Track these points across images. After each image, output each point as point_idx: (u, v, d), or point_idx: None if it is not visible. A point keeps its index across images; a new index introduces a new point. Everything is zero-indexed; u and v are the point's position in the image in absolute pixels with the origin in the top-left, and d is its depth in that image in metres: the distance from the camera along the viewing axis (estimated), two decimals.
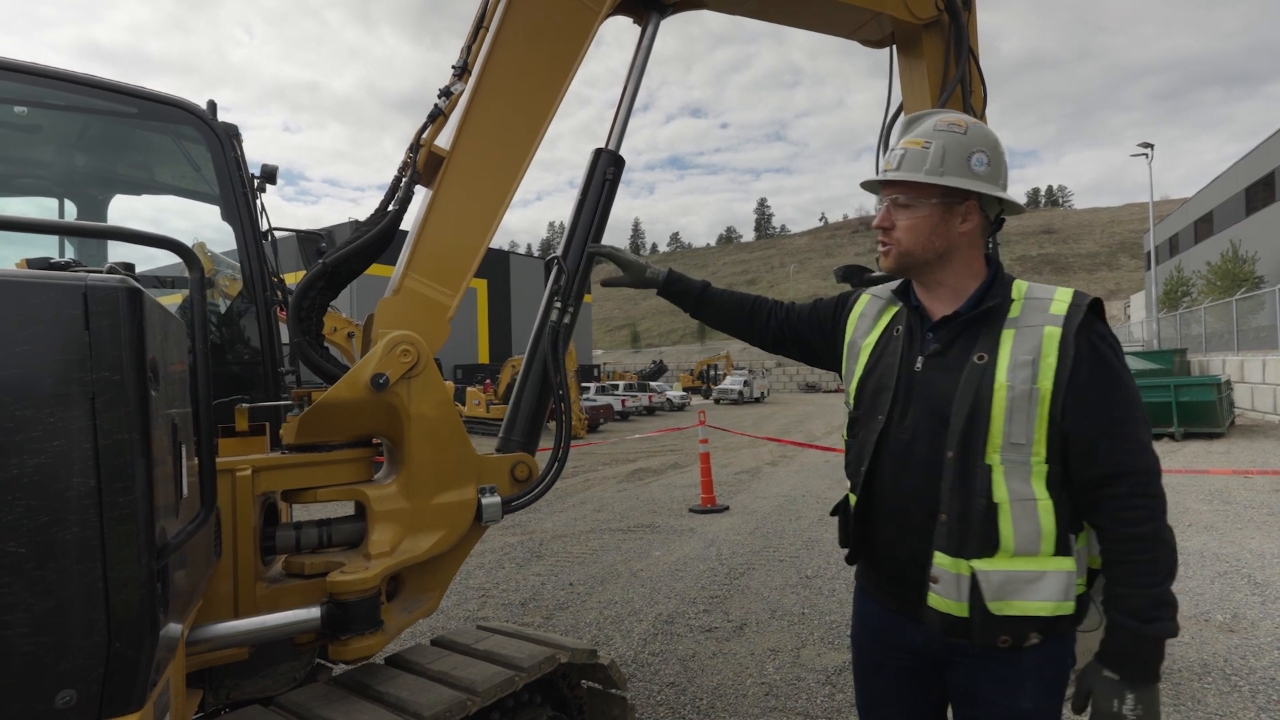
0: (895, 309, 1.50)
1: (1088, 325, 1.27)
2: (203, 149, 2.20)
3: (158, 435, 1.10)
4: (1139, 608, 1.20)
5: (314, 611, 1.61)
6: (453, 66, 2.09)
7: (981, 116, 3.55)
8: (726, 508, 7.57)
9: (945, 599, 1.27)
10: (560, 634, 2.79)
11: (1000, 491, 1.24)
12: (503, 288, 37.11)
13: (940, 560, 1.28)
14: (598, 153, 2.27)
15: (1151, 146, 27.51)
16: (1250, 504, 6.69)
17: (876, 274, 3.44)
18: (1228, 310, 19.42)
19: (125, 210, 2.57)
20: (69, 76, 1.92)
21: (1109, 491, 1.23)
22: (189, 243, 2.80)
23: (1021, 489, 1.24)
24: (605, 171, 2.24)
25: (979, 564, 1.24)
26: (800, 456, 11.98)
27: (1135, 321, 37.71)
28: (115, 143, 2.28)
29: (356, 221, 2.99)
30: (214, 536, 1.58)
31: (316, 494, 1.81)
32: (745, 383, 38.19)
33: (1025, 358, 1.25)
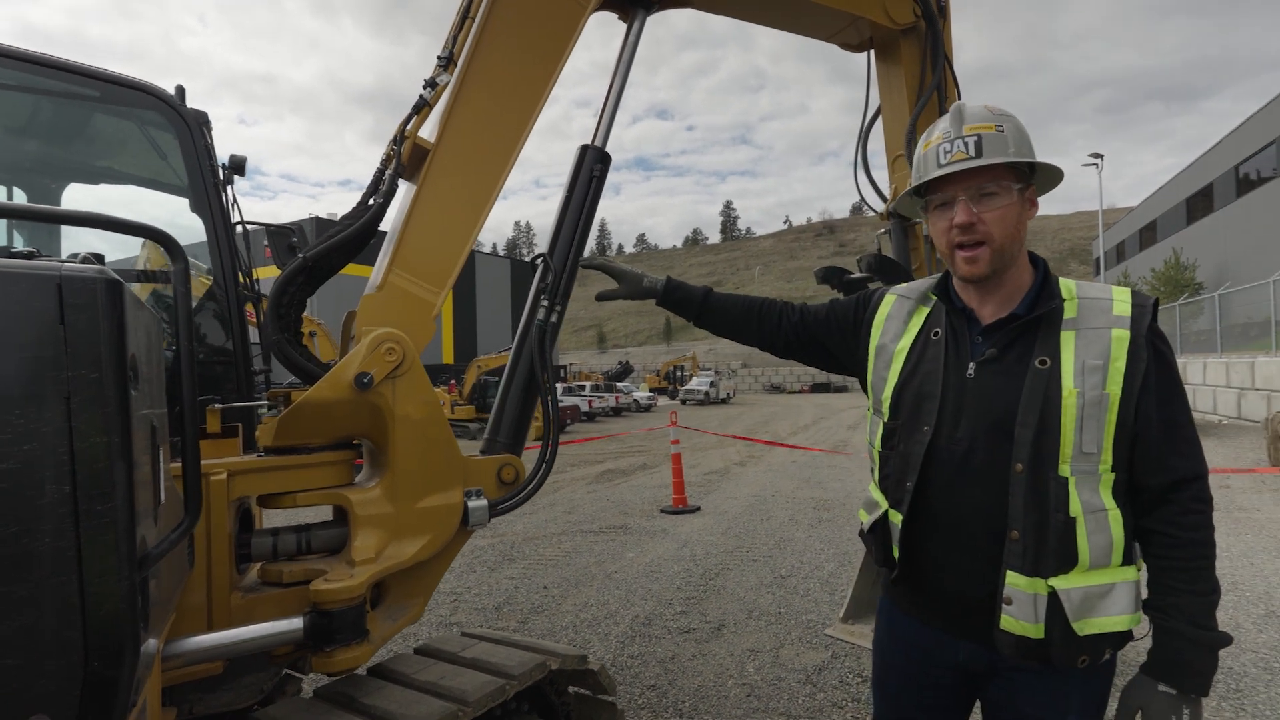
0: (927, 309, 1.41)
1: (1153, 328, 1.23)
2: (169, 137, 2.09)
3: (138, 437, 1.03)
4: (1199, 615, 1.16)
5: (296, 622, 1.53)
6: (438, 56, 2.03)
7: None
8: (698, 508, 7.58)
9: (1020, 621, 1.19)
10: (538, 638, 2.74)
11: (1075, 505, 1.18)
12: (468, 287, 36.62)
13: (1015, 580, 1.19)
14: (584, 149, 2.23)
15: (1101, 157, 28.64)
16: None
17: (857, 275, 3.47)
18: (1171, 315, 20.31)
19: (78, 202, 2.43)
20: (26, 56, 1.81)
21: (1173, 496, 1.20)
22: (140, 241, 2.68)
23: (1093, 500, 1.19)
24: (592, 168, 2.20)
25: (1057, 582, 1.17)
26: (768, 456, 12.09)
27: None
28: (73, 127, 2.15)
29: (318, 218, 2.88)
30: (187, 544, 1.50)
31: (296, 498, 1.73)
32: (711, 384, 38.44)
33: (1095, 362, 1.19)
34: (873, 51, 3.66)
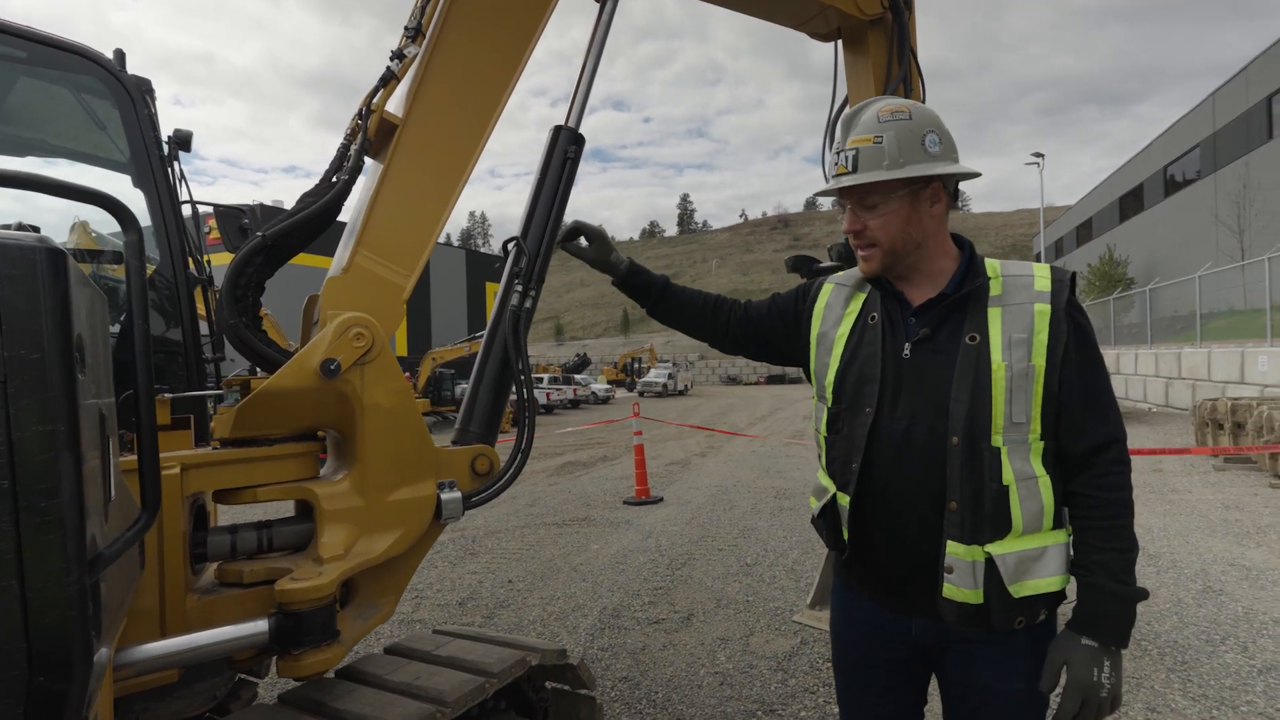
0: (864, 295, 1.46)
1: (1071, 301, 1.30)
2: (108, 106, 1.93)
3: (85, 427, 0.93)
4: (1119, 570, 1.22)
5: (261, 625, 1.43)
6: (405, 27, 1.92)
7: None
8: (661, 499, 7.58)
9: (960, 588, 1.25)
10: (505, 633, 2.67)
11: (1008, 473, 1.24)
12: (422, 278, 35.29)
13: (954, 549, 1.25)
14: (557, 130, 2.16)
15: (1042, 156, 29.79)
16: (1135, 483, 7.32)
17: (826, 264, 3.49)
18: (1106, 308, 21.35)
19: None
20: None
21: (1094, 460, 1.26)
22: (68, 221, 2.48)
23: (1024, 468, 1.25)
24: (566, 150, 2.13)
25: (993, 548, 1.24)
26: (727, 447, 12.20)
27: None
28: None
29: (262, 205, 2.73)
30: (138, 544, 1.38)
31: (256, 493, 1.62)
32: (669, 375, 38.60)
33: (1020, 335, 1.26)
34: (840, 42, 3.68)
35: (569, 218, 2.07)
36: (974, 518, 1.24)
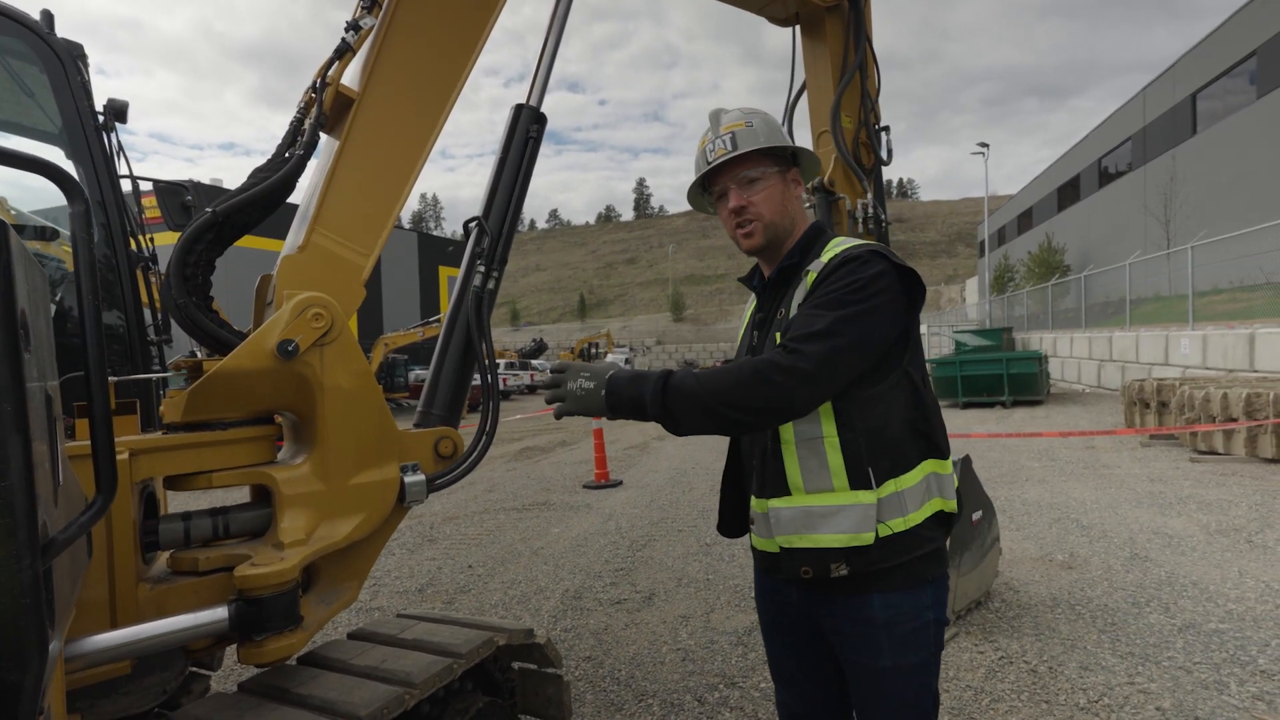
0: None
1: (842, 259, 1.30)
2: (36, 72, 1.81)
3: (32, 409, 0.88)
4: (666, 387, 1.24)
5: (220, 612, 1.39)
6: None
7: (876, 100, 3.75)
8: (620, 482, 7.62)
9: (759, 537, 1.41)
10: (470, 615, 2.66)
11: (787, 433, 1.33)
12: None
13: (754, 504, 1.41)
14: (519, 109, 2.12)
15: (987, 146, 30.74)
16: (1070, 460, 7.75)
17: None
18: (1044, 294, 22.30)
19: None
20: None
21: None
22: None
23: (809, 429, 1.31)
24: (528, 128, 2.10)
25: (776, 503, 1.34)
26: None
27: (970, 303, 42.31)
28: None
29: (196, 183, 2.61)
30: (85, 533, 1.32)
31: (211, 479, 1.57)
32: (626, 360, 38.67)
33: (799, 302, 1.35)
34: (798, 28, 3.71)
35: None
36: (762, 474, 1.38)
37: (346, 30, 1.82)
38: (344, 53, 1.80)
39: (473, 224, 2.01)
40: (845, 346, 1.22)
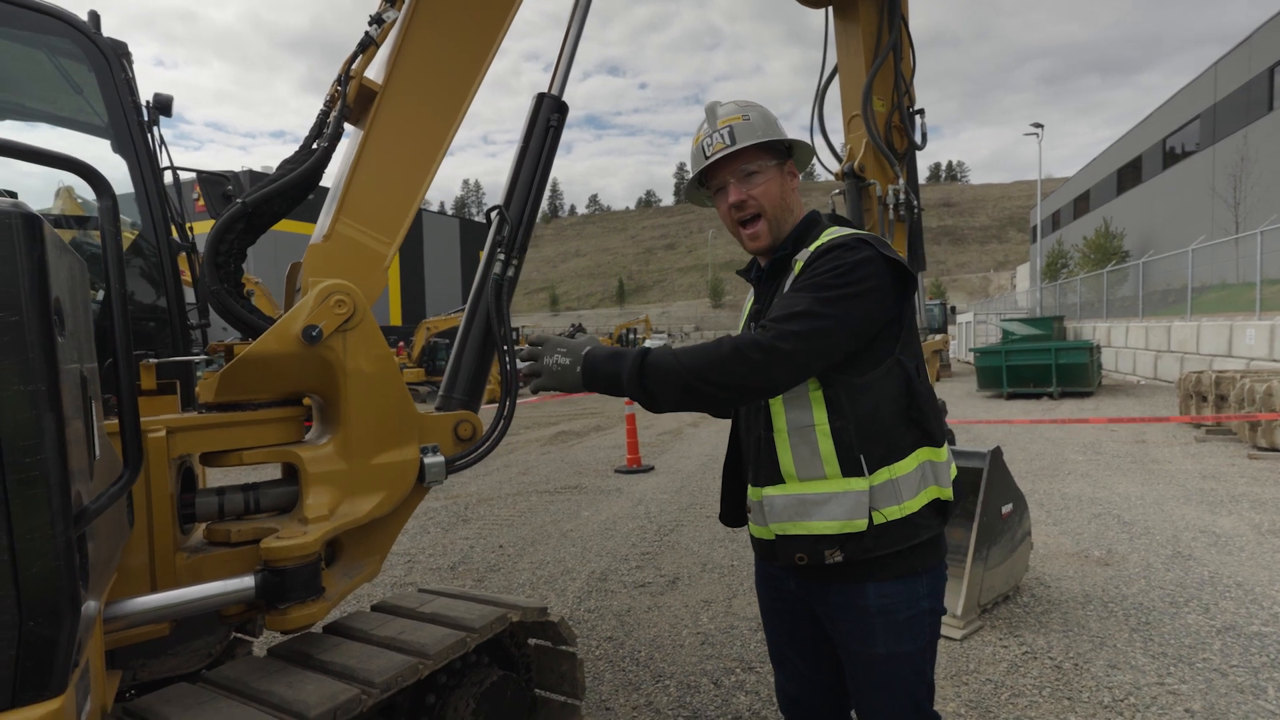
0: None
1: (828, 246, 1.31)
2: (84, 69, 1.91)
3: (66, 388, 0.96)
4: (645, 363, 1.26)
5: (248, 580, 1.49)
6: None
7: (910, 82, 3.65)
8: (652, 468, 7.68)
9: (755, 525, 1.43)
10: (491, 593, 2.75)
11: (779, 421, 1.34)
12: (415, 247, 35.47)
13: (751, 492, 1.42)
14: (540, 98, 2.15)
15: (1042, 126, 29.47)
16: (1118, 454, 7.48)
17: None
18: (1099, 281, 21.36)
19: None
20: None
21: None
22: (53, 187, 2.46)
23: (801, 417, 1.32)
24: (549, 118, 2.13)
25: (769, 490, 1.36)
26: None
27: (1021, 291, 40.85)
28: None
29: (251, 171, 2.71)
30: (126, 503, 1.43)
31: (242, 456, 1.67)
32: (664, 346, 38.61)
33: (786, 291, 1.35)
34: (831, 9, 3.64)
35: (547, 203, 2.08)
36: (756, 462, 1.40)
37: (370, 24, 1.88)
38: (367, 46, 1.85)
39: (494, 212, 2.05)
40: (825, 329, 1.23)
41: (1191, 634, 3.05)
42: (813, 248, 1.35)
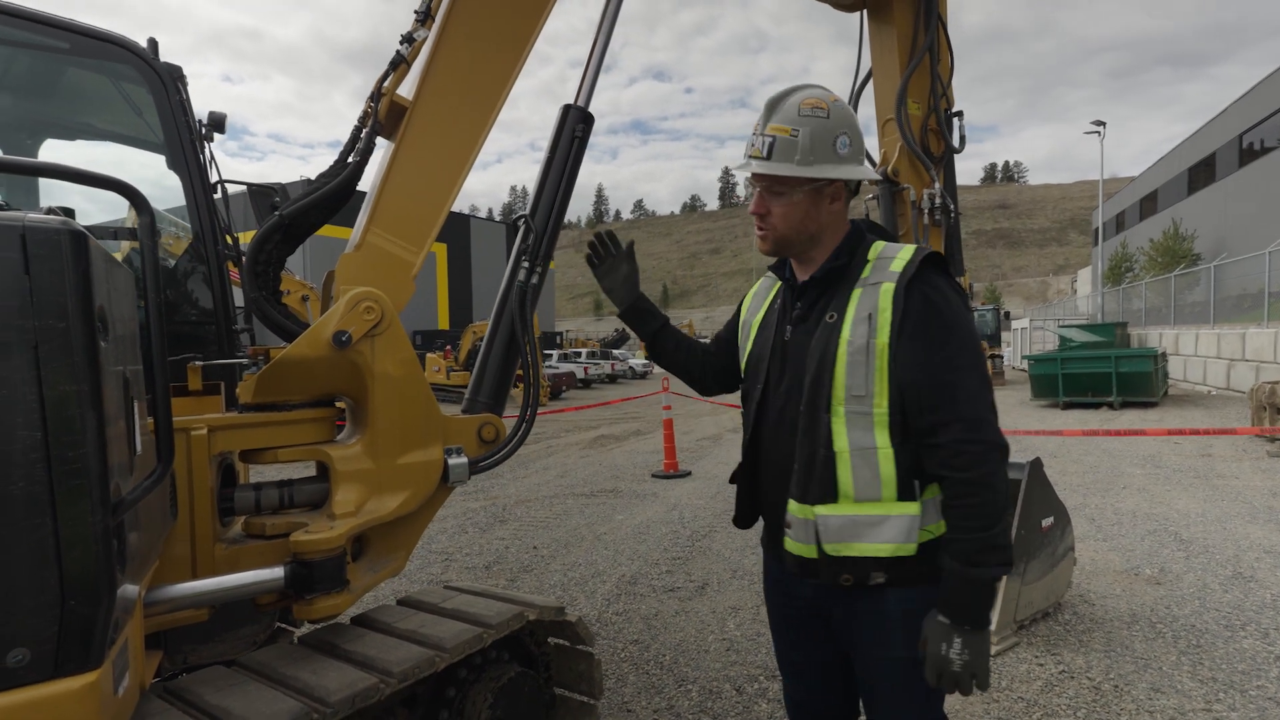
0: (780, 284, 1.57)
1: (921, 279, 1.31)
2: (143, 91, 2.07)
3: (109, 389, 1.05)
4: (967, 551, 1.24)
5: (278, 571, 1.58)
6: (415, 11, 2.00)
7: (948, 85, 3.58)
8: (689, 473, 7.68)
9: (797, 542, 1.37)
10: (524, 594, 2.81)
11: (841, 441, 1.32)
12: (463, 252, 36.34)
13: (793, 507, 1.37)
14: (566, 109, 2.21)
15: (1104, 124, 28.24)
16: (1180, 468, 7.11)
17: None
18: (1167, 286, 20.31)
19: (56, 159, 2.41)
20: None
21: (940, 438, 1.27)
22: (125, 201, 2.66)
23: (862, 438, 1.31)
24: (574, 129, 2.18)
25: (821, 510, 1.33)
26: None
27: (1081, 296, 39.15)
28: (45, 81, 2.13)
29: (308, 180, 2.86)
30: (169, 496, 1.53)
31: (277, 454, 1.77)
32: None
33: (864, 314, 1.32)
34: (865, 11, 3.60)
35: (591, 208, 2.14)
36: (806, 479, 1.34)
37: (401, 43, 1.97)
38: (398, 64, 1.94)
39: (520, 221, 2.12)
40: (985, 387, 1.29)
41: (1246, 659, 2.89)
42: (896, 266, 1.34)
